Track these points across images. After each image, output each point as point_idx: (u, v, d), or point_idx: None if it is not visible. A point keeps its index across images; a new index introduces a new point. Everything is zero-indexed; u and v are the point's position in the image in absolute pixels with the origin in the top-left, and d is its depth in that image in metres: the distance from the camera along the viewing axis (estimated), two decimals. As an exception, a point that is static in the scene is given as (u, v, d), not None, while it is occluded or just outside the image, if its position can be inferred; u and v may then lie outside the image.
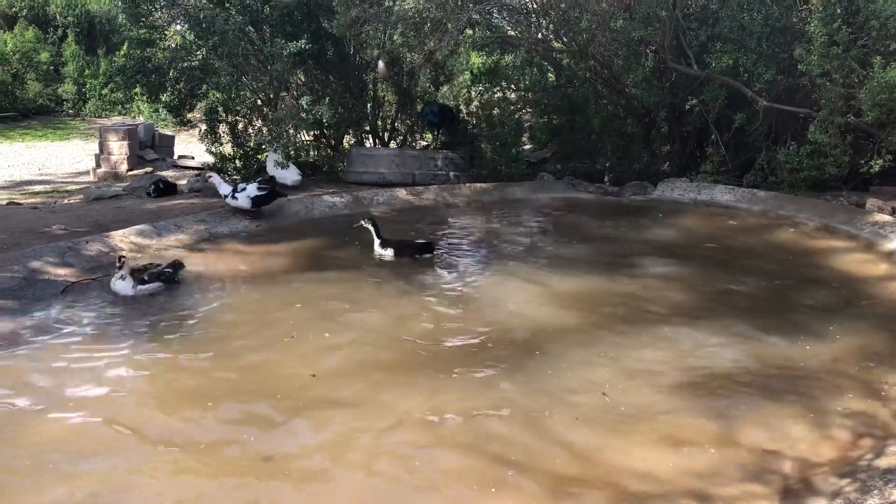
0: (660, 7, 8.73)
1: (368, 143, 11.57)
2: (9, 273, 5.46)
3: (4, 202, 10.62)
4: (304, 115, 9.03)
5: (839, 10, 7.84)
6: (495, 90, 11.22)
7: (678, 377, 4.08)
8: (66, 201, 10.62)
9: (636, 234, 7.34)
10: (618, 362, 4.23)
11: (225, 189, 7.30)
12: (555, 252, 6.61)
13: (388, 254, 6.42)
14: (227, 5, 9.40)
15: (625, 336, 4.62)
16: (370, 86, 11.27)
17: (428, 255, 6.42)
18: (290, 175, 9.41)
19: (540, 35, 10.36)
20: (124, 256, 5.46)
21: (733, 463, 3.25)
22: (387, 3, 8.64)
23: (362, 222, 6.62)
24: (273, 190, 7.43)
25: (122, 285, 5.30)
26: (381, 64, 10.51)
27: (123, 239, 6.41)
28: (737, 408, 3.77)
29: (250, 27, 9.64)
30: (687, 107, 9.14)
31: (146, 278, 5.37)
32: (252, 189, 7.21)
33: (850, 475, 3.11)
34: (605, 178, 9.91)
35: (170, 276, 5.51)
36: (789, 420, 3.62)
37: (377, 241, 6.47)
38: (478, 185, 9.31)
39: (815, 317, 5.02)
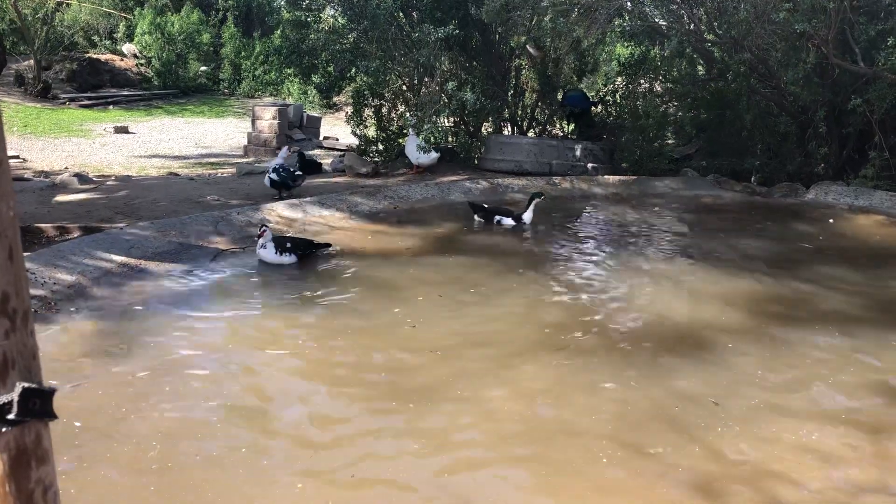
0: (827, -2, 8.22)
1: (506, 131, 11.58)
2: (167, 238, 5.84)
3: (165, 173, 11.38)
4: (446, 100, 9.14)
5: None
6: (641, 81, 10.95)
7: (831, 386, 3.85)
8: (219, 174, 11.26)
9: (786, 236, 6.97)
10: (763, 367, 4.04)
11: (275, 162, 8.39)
12: (698, 251, 6.38)
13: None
14: (380, -11, 9.63)
15: (774, 340, 4.41)
16: (513, 73, 11.26)
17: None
18: (427, 155, 9.60)
19: (692, 25, 10.00)
20: (266, 226, 5.71)
21: (890, 482, 3.03)
22: (537, -10, 8.58)
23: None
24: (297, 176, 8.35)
25: (266, 252, 5.55)
26: (530, 48, 10.54)
27: (272, 212, 6.72)
28: None
29: (400, 12, 9.84)
30: (849, 106, 8.58)
31: (289, 245, 5.58)
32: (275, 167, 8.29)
33: None
34: (753, 178, 9.48)
35: (305, 253, 5.68)
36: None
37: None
38: (617, 177, 9.12)
39: None
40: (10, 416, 1.09)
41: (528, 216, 6.96)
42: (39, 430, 1.15)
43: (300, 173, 8.36)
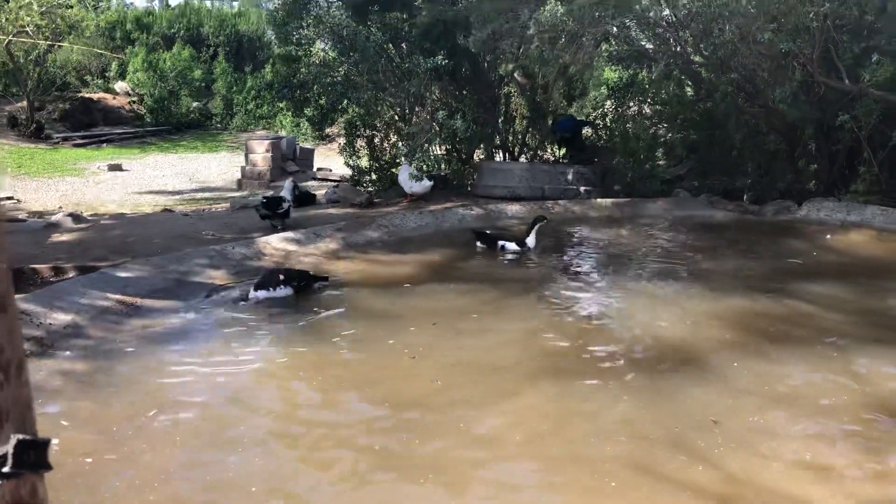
0: (810, 18, 8.32)
1: (498, 157, 11.65)
2: (162, 275, 5.84)
3: (159, 209, 11.40)
4: (437, 128, 9.21)
5: None
6: (630, 104, 11.05)
7: (827, 405, 3.85)
8: (213, 209, 11.28)
9: (780, 253, 7.00)
10: (761, 385, 4.04)
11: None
12: (693, 271, 6.40)
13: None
14: (369, 23, 9.74)
15: (768, 359, 4.41)
16: (502, 100, 11.36)
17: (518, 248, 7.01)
18: (420, 183, 9.64)
19: (678, 48, 10.10)
20: (264, 267, 5.70)
21: (890, 496, 3.03)
22: (522, 18, 8.68)
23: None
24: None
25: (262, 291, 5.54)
26: (518, 76, 10.66)
27: (267, 245, 6.72)
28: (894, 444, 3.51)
29: (390, 44, 9.93)
30: (837, 123, 8.66)
31: (282, 278, 5.57)
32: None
33: None
34: (745, 197, 9.53)
35: (300, 285, 5.67)
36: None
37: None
38: (610, 200, 9.16)
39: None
40: (5, 469, 1.08)
41: (531, 241, 6.98)
42: (35, 482, 1.15)
43: (265, 200, 8.49)
